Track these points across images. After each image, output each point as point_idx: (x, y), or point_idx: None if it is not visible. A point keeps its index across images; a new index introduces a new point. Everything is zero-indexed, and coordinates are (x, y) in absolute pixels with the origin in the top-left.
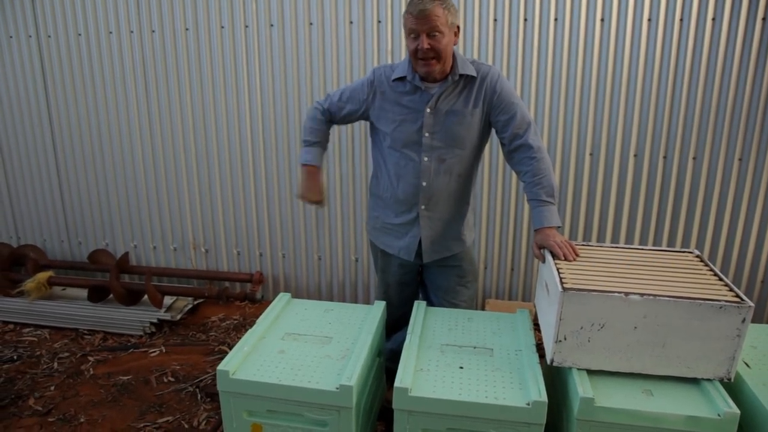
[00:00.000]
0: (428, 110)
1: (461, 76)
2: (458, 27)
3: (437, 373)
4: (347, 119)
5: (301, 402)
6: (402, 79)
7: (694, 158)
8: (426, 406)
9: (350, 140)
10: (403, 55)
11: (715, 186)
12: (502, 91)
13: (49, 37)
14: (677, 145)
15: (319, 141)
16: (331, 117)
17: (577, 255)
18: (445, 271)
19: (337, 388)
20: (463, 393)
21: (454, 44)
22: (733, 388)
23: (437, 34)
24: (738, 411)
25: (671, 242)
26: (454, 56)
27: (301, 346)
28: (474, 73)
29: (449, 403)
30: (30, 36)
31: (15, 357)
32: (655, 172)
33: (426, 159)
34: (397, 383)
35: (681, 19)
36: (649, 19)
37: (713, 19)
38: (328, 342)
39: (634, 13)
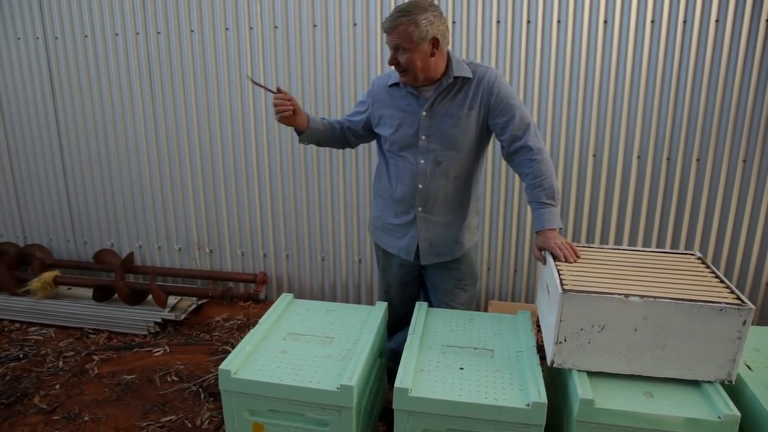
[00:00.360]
0: (424, 113)
1: (456, 78)
2: (436, 38)
3: (438, 373)
4: (356, 130)
5: (302, 402)
6: (397, 84)
7: (697, 160)
8: (426, 406)
9: None
10: None
11: (718, 188)
12: (500, 93)
13: (56, 38)
14: (680, 146)
15: (322, 119)
16: (342, 127)
17: (577, 256)
18: (444, 273)
19: (338, 388)
20: (463, 394)
21: (432, 55)
22: (735, 390)
23: (401, 50)
24: (738, 413)
25: (674, 244)
26: (449, 58)
27: (303, 346)
28: (469, 75)
29: (449, 404)
30: (37, 38)
31: (21, 355)
32: (659, 174)
33: (422, 161)
34: (397, 383)
35: (684, 21)
36: (652, 21)
37: (716, 20)
38: (329, 342)
39: (637, 15)
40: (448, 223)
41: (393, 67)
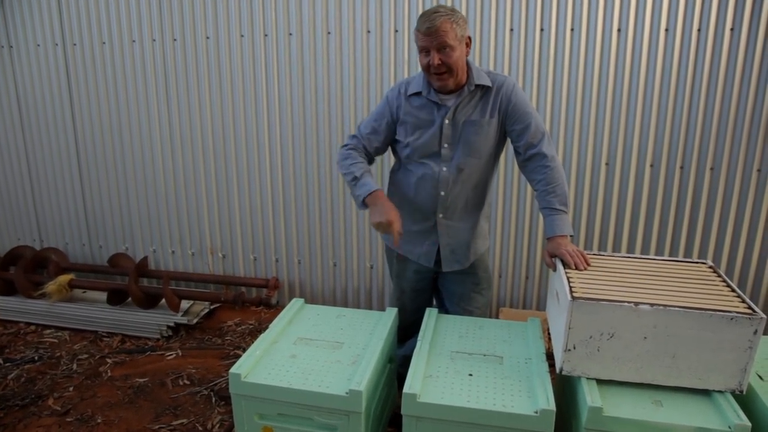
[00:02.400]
0: (446, 122)
1: (477, 86)
2: (469, 38)
3: (446, 379)
4: (380, 147)
5: (311, 406)
6: (418, 93)
7: (711, 169)
8: (434, 412)
9: None
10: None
11: (732, 197)
12: (517, 101)
13: (75, 45)
14: (694, 155)
15: (364, 171)
16: (366, 152)
17: (588, 264)
18: (460, 278)
19: (347, 393)
20: (471, 400)
21: (467, 55)
22: (746, 400)
23: (447, 49)
24: (749, 423)
25: (687, 254)
26: (469, 67)
27: (313, 351)
28: (489, 83)
29: (457, 410)
30: (56, 44)
31: (36, 358)
32: (672, 182)
33: (444, 169)
34: (405, 389)
35: (699, 30)
36: (667, 30)
37: (731, 29)
38: (339, 347)
39: (651, 23)
40: (467, 229)
41: (424, 71)
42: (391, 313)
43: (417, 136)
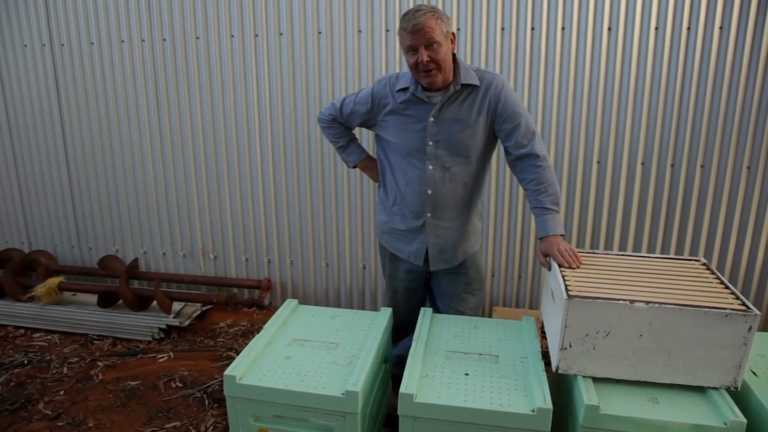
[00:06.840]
0: (431, 119)
1: (463, 85)
2: (453, 34)
3: (442, 379)
4: (350, 127)
5: (307, 407)
6: (405, 89)
7: (702, 166)
8: (431, 412)
9: None
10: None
11: (723, 194)
12: (507, 100)
13: (63, 45)
14: (685, 153)
15: (349, 139)
16: (349, 127)
17: (580, 263)
18: (452, 278)
19: (343, 394)
20: (468, 399)
21: (452, 51)
22: (740, 396)
23: (435, 45)
24: (744, 420)
25: (679, 251)
26: (457, 65)
27: (308, 352)
28: (476, 82)
29: (454, 410)
30: (44, 44)
31: (25, 361)
32: (663, 180)
33: (431, 167)
34: (402, 389)
35: (688, 28)
36: (657, 28)
37: (720, 27)
38: (334, 348)
39: (642, 22)
40: (456, 228)
41: (412, 69)
42: (385, 313)
43: (403, 133)
